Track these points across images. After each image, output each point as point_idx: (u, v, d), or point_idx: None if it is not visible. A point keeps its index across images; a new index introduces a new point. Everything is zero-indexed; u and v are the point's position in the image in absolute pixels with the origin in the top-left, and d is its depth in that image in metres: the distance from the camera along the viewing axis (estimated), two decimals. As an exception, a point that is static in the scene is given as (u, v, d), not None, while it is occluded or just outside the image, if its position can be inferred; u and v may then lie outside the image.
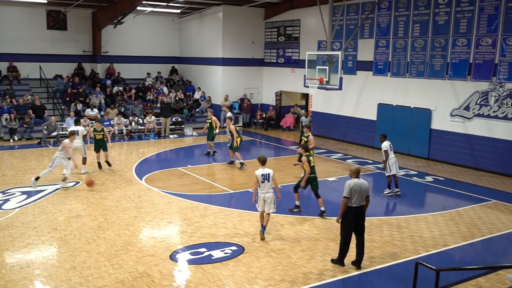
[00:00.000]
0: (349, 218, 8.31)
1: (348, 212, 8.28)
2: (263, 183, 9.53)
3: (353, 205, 8.26)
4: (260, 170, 9.59)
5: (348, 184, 8.26)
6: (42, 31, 24.41)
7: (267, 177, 9.56)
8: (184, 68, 28.80)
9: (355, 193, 8.22)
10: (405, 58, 18.54)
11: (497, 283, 8.04)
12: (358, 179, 8.39)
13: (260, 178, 9.51)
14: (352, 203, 8.25)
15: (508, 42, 15.26)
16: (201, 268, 8.33)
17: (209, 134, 17.55)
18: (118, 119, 21.73)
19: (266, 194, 9.56)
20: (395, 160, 13.08)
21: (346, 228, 8.39)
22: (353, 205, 8.26)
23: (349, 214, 8.28)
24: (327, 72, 16.71)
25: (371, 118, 20.12)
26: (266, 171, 9.59)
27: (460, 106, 16.79)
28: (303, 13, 23.51)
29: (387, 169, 13.09)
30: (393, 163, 13.03)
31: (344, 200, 8.24)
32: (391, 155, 13.02)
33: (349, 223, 8.34)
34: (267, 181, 9.56)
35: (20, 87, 23.23)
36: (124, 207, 11.68)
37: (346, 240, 8.41)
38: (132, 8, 21.97)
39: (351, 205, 8.26)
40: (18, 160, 16.63)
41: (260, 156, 9.89)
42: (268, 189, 9.58)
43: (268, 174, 9.57)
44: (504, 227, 10.89)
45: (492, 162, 16.01)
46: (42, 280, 7.75)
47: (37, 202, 11.88)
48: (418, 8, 17.98)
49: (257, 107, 26.43)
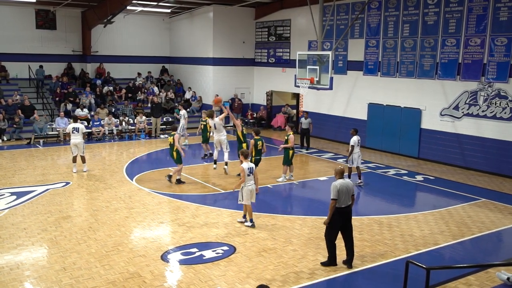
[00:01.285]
0: (335, 219, 8.28)
1: (335, 213, 8.26)
2: (249, 176, 10.13)
3: (341, 206, 8.24)
4: (246, 164, 10.20)
5: (335, 186, 8.23)
6: (31, 31, 24.21)
7: (252, 170, 10.23)
8: (175, 68, 28.72)
9: (342, 194, 8.22)
10: (395, 58, 18.65)
11: (486, 281, 8.12)
12: (343, 180, 8.39)
13: (247, 171, 10.07)
14: (340, 204, 8.23)
15: (497, 42, 15.42)
16: (193, 268, 8.31)
17: (203, 135, 17.46)
18: (109, 119, 21.61)
19: (252, 186, 10.21)
20: (359, 155, 14.12)
21: (332, 229, 8.35)
22: (341, 206, 8.24)
23: (336, 215, 8.26)
24: (318, 72, 16.75)
25: (361, 117, 20.21)
26: (251, 165, 10.29)
27: (449, 106, 16.93)
28: (294, 13, 23.55)
29: (349, 161, 14.08)
30: (357, 157, 14.05)
31: (332, 202, 8.21)
32: (356, 149, 13.96)
33: (335, 224, 8.32)
34: (252, 174, 10.23)
35: (8, 87, 23.01)
36: (115, 207, 11.62)
37: (332, 240, 8.39)
38: (122, 7, 21.86)
39: (339, 206, 8.24)
40: (7, 161, 16.48)
41: (243, 150, 10.59)
42: (252, 182, 10.25)
43: (252, 168, 10.28)
44: (493, 225, 10.99)
45: (481, 161, 16.16)
46: (32, 282, 7.69)
47: (27, 203, 11.78)
48: (407, 8, 18.09)
49: (248, 107, 26.43)
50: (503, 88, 15.32)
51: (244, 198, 10.22)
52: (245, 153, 10.53)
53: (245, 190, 10.17)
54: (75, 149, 14.93)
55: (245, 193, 10.17)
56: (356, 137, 13.93)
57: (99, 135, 20.93)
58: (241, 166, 10.19)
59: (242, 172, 10.14)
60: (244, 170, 10.08)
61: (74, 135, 14.89)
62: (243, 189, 10.22)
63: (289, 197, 13.15)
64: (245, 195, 10.18)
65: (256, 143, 12.96)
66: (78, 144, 14.92)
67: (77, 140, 14.88)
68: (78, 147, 14.95)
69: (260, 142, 13.14)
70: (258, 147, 13.00)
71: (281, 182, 14.24)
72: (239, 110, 25.73)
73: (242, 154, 10.51)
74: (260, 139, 13.25)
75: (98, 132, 20.97)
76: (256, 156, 13.00)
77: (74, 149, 14.94)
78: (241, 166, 10.22)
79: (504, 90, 15.30)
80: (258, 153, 13.10)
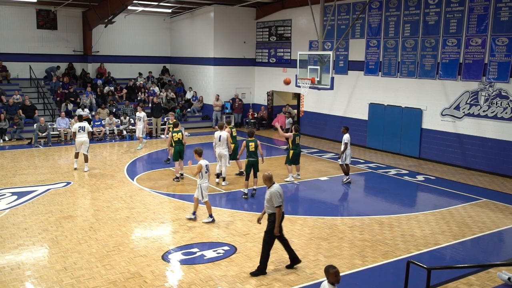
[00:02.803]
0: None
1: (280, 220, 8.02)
2: (206, 173, 10.43)
3: (283, 210, 8.08)
4: (203, 161, 10.40)
5: (276, 192, 7.91)
6: (32, 31, 24.22)
7: (208, 168, 10.53)
8: (176, 68, 28.72)
9: (283, 198, 8.04)
10: (396, 58, 18.64)
11: (487, 281, 8.11)
12: (276, 184, 8.12)
13: (204, 169, 10.37)
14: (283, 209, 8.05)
15: (497, 42, 15.40)
16: (194, 268, 8.31)
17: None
18: (110, 119, 21.63)
19: (207, 183, 10.52)
20: (350, 152, 14.36)
21: (272, 237, 8.04)
22: (283, 211, 8.08)
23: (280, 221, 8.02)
24: (319, 72, 16.75)
25: (362, 117, 20.21)
26: (207, 162, 10.54)
27: (450, 106, 16.92)
28: (295, 13, 23.55)
29: (342, 158, 14.20)
30: (349, 154, 14.25)
31: (279, 209, 7.90)
32: (348, 147, 14.13)
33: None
34: (209, 171, 10.55)
35: (10, 87, 23.03)
36: (115, 207, 11.63)
37: (270, 248, 8.10)
38: (123, 7, 21.86)
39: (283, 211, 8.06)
40: (8, 161, 16.49)
41: (197, 148, 10.79)
42: (208, 180, 10.56)
43: (208, 165, 10.55)
44: (494, 225, 10.99)
45: (482, 161, 16.15)
46: (33, 282, 7.70)
47: (28, 203, 11.79)
48: (408, 8, 18.08)
49: (249, 107, 26.43)
50: (504, 88, 15.31)
51: (204, 195, 10.43)
52: (198, 151, 10.67)
53: (204, 187, 10.41)
54: (80, 146, 15.14)
55: (204, 190, 10.42)
56: (347, 135, 14.12)
57: (100, 135, 20.95)
58: (199, 163, 10.33)
59: (198, 168, 10.28)
60: (200, 166, 10.26)
61: (80, 133, 15.14)
62: (202, 186, 10.40)
63: (290, 197, 13.14)
64: (204, 192, 10.41)
65: (248, 145, 12.66)
66: (84, 142, 15.14)
67: (83, 138, 15.12)
68: (84, 145, 15.14)
69: (252, 144, 12.69)
70: (250, 148, 12.65)
71: (289, 182, 14.31)
72: (240, 110, 25.75)
73: (196, 152, 10.65)
74: (254, 140, 12.78)
75: (99, 132, 20.99)
76: (249, 157, 12.60)
77: (79, 146, 15.16)
78: (198, 163, 10.34)
79: (505, 90, 15.29)
80: (251, 154, 12.63)
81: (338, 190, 13.99)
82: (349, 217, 11.44)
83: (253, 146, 12.67)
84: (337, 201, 13.15)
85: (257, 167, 12.75)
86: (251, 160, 12.60)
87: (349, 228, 10.58)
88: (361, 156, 18.49)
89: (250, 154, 12.63)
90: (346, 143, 14.02)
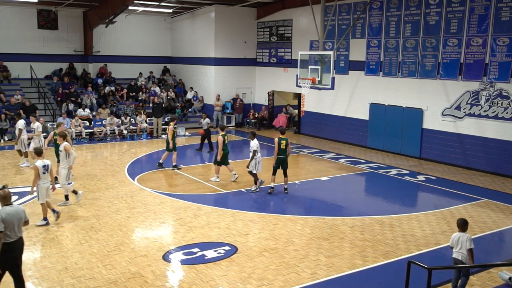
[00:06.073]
0: (5, 259, 6.55)
1: (6, 251, 6.51)
2: (44, 174, 10.08)
3: (11, 241, 6.53)
4: (40, 161, 10.10)
5: None
6: (33, 31, 24.20)
7: (47, 168, 10.17)
8: (176, 68, 28.71)
9: (11, 224, 6.52)
10: (396, 58, 18.63)
11: (488, 281, 8.12)
12: (10, 206, 6.70)
13: (42, 170, 10.03)
14: (9, 237, 6.52)
15: (498, 42, 15.39)
16: (194, 268, 8.31)
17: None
18: (110, 119, 21.64)
19: (47, 184, 10.20)
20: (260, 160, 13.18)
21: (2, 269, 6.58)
22: (10, 241, 6.52)
23: (7, 254, 6.53)
24: (319, 72, 16.75)
25: (363, 117, 20.20)
26: (46, 162, 10.18)
27: (451, 106, 16.91)
28: (295, 13, 23.54)
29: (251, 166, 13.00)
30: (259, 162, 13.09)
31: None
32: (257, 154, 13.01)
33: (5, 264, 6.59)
34: (47, 172, 10.17)
35: (10, 87, 23.03)
36: (116, 207, 11.63)
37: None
38: (123, 7, 21.86)
39: (7, 242, 6.49)
40: (8, 161, 16.50)
41: (36, 147, 10.72)
42: (48, 180, 10.23)
43: (48, 165, 10.20)
44: (495, 225, 10.98)
45: (483, 161, 16.14)
46: (34, 282, 7.70)
47: (28, 203, 11.78)
48: (409, 8, 18.07)
49: (250, 106, 26.42)
50: (505, 88, 15.30)
51: (41, 197, 10.12)
52: (37, 150, 10.48)
53: (41, 188, 10.07)
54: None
55: (41, 191, 10.09)
56: (255, 141, 13.20)
57: (101, 135, 20.97)
58: (35, 164, 10.10)
59: (35, 170, 9.94)
60: (37, 168, 9.94)
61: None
62: (39, 187, 10.08)
63: (291, 197, 13.14)
64: (41, 194, 10.10)
65: (280, 142, 12.74)
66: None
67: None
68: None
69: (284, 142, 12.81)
70: (282, 146, 12.81)
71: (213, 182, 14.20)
72: (241, 110, 25.74)
73: (35, 152, 10.47)
74: (285, 138, 12.88)
75: (100, 132, 21.00)
76: (279, 155, 12.84)
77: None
78: (35, 164, 10.11)
79: (506, 90, 15.28)
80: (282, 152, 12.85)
81: (339, 190, 13.99)
82: (350, 217, 11.44)
83: (284, 144, 12.87)
84: (338, 201, 13.13)
85: (286, 164, 13.04)
86: (281, 157, 12.88)
87: (350, 228, 10.57)
88: (362, 156, 18.48)
89: (280, 152, 12.84)
90: (255, 150, 13.01)
